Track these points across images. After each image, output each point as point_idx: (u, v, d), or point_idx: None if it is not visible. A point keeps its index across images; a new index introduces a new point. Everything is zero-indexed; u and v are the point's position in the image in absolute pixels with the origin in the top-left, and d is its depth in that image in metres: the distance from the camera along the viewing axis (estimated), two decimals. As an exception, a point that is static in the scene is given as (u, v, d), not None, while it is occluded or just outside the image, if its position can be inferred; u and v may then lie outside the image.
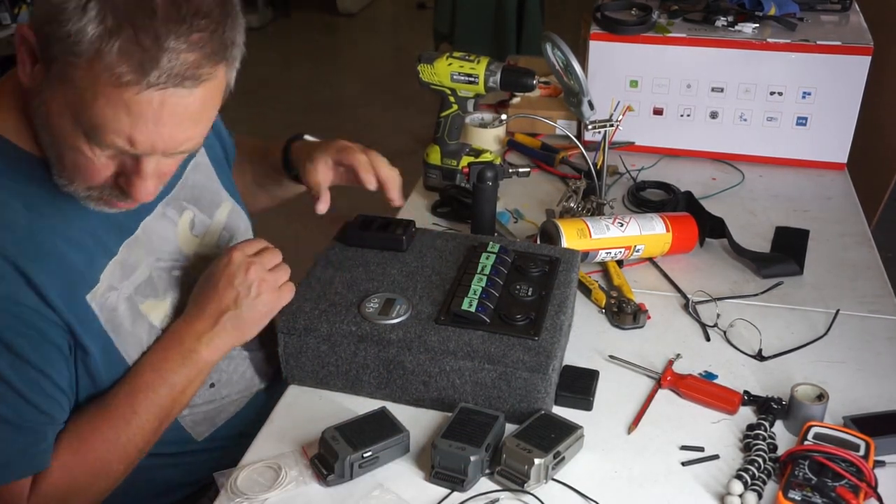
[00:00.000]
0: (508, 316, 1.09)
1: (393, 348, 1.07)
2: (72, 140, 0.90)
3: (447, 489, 0.97)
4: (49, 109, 0.90)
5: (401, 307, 1.11)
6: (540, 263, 1.19)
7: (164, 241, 1.12)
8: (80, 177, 0.94)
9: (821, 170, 1.71)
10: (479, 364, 1.05)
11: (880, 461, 1.00)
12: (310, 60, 5.23)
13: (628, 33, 1.66)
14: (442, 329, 1.07)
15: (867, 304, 1.31)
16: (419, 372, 1.07)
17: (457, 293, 1.12)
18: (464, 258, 1.21)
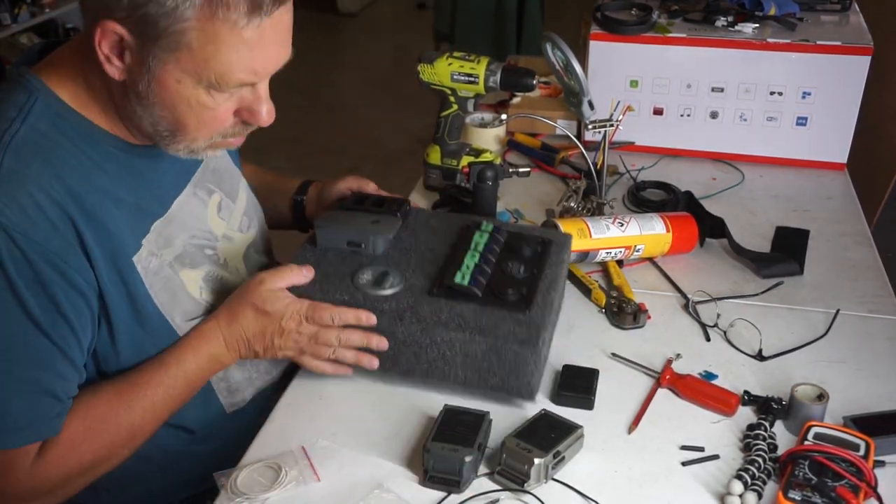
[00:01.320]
0: (500, 291, 1.09)
1: (385, 319, 1.07)
2: (194, 99, 0.95)
3: (443, 492, 0.97)
4: (164, 83, 0.94)
5: (394, 279, 1.11)
6: (532, 244, 1.20)
7: (196, 220, 1.14)
8: (205, 130, 0.99)
9: (821, 170, 1.71)
10: (469, 335, 1.05)
11: (880, 461, 1.00)
12: (310, 60, 5.23)
13: (628, 33, 1.66)
14: (434, 301, 1.08)
15: (867, 304, 1.31)
16: (410, 342, 1.07)
17: (450, 267, 1.13)
18: (457, 236, 1.22)
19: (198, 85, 0.94)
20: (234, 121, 1.01)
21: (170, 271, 1.08)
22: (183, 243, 1.11)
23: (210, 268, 1.15)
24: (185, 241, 1.11)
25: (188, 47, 0.91)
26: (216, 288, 1.15)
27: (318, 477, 1.00)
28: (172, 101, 0.96)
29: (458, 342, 1.06)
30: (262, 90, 1.00)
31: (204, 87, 0.94)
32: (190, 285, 1.11)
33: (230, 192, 1.23)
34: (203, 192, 1.17)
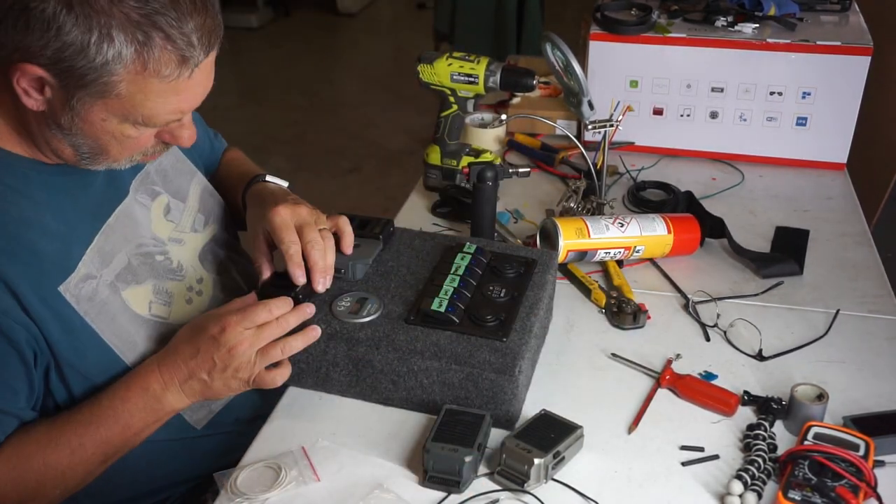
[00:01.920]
0: (479, 317, 1.08)
1: (362, 347, 1.07)
2: (118, 132, 0.96)
3: (443, 493, 0.97)
4: (86, 122, 0.94)
5: (372, 306, 1.11)
6: (515, 265, 1.19)
7: (139, 227, 1.12)
8: (126, 153, 1.00)
9: (821, 170, 1.71)
10: (445, 364, 1.04)
11: (880, 461, 1.00)
12: (310, 60, 5.23)
13: (628, 33, 1.66)
14: (411, 329, 1.07)
15: (867, 304, 1.31)
16: (388, 371, 1.07)
17: (428, 293, 1.12)
18: (439, 258, 1.21)
19: (123, 122, 0.95)
20: (155, 142, 1.02)
21: (108, 293, 1.04)
22: (127, 256, 1.08)
23: (160, 279, 1.12)
24: (128, 253, 1.09)
25: (117, 96, 0.91)
26: (170, 300, 1.13)
27: (318, 477, 1.00)
28: (96, 134, 0.96)
29: (435, 370, 1.05)
30: (187, 120, 1.01)
31: (130, 123, 0.95)
32: (136, 303, 1.08)
33: (178, 192, 1.20)
34: (145, 197, 1.15)
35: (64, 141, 0.97)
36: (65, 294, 1.00)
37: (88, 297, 1.02)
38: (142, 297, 1.09)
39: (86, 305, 1.02)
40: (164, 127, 0.99)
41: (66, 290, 1.00)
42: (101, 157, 1.00)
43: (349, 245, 1.17)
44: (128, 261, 1.08)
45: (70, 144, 0.97)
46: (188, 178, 1.24)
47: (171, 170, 1.21)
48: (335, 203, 1.26)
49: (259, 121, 4.34)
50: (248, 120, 4.35)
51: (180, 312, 1.14)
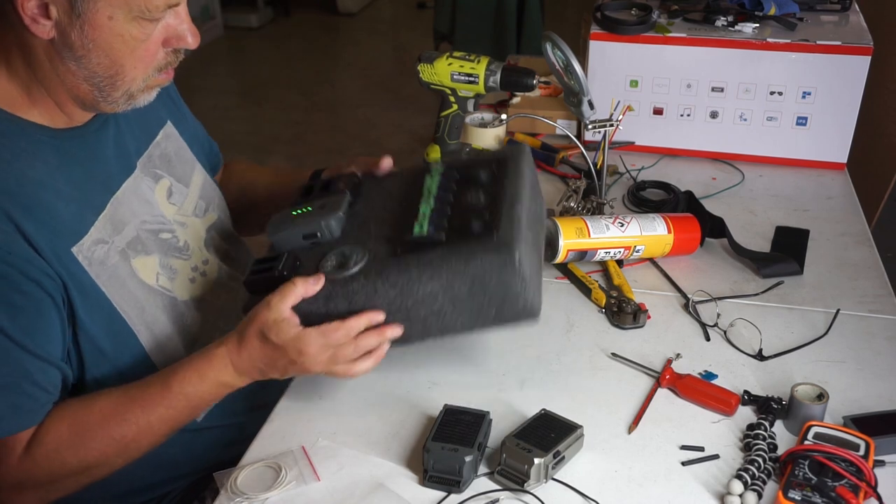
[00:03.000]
0: (464, 227, 1.04)
1: (360, 297, 1.03)
2: (128, 35, 0.97)
3: (443, 492, 0.97)
4: (95, 27, 0.95)
5: (356, 255, 1.06)
6: (486, 167, 1.14)
7: (146, 204, 1.14)
8: (141, 66, 1.01)
9: (821, 170, 1.71)
10: (447, 280, 1.01)
11: (880, 461, 1.00)
12: (310, 60, 5.23)
13: (628, 33, 1.66)
14: (401, 261, 1.03)
15: (867, 303, 1.31)
16: (394, 310, 1.04)
17: (407, 221, 1.08)
18: (412, 187, 1.16)
19: (129, 18, 0.96)
20: (164, 52, 1.03)
21: (118, 259, 1.07)
22: (135, 228, 1.10)
23: (167, 255, 1.14)
24: (136, 226, 1.11)
25: None
26: (176, 276, 1.15)
27: (318, 477, 1.00)
28: (108, 41, 0.97)
29: (440, 291, 1.02)
30: (183, 12, 1.03)
31: (134, 17, 0.96)
32: (144, 272, 1.10)
33: (182, 178, 1.22)
34: (149, 179, 1.16)
35: (79, 73, 0.98)
36: (77, 256, 1.01)
37: (100, 261, 1.04)
38: (150, 267, 1.11)
39: (97, 269, 1.04)
40: (166, 26, 1.00)
41: (79, 252, 1.02)
42: (118, 79, 1.00)
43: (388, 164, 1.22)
44: (136, 233, 1.10)
45: (85, 77, 0.99)
46: (190, 167, 1.26)
47: (174, 156, 1.23)
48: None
49: (259, 121, 4.34)
50: (248, 120, 4.35)
51: (183, 289, 1.16)
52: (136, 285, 1.09)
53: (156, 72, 1.03)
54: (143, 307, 1.10)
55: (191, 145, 1.28)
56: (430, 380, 1.16)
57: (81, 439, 1.02)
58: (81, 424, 1.02)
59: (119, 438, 1.03)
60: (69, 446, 1.01)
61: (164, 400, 1.04)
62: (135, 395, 1.04)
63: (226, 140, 1.48)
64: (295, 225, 1.12)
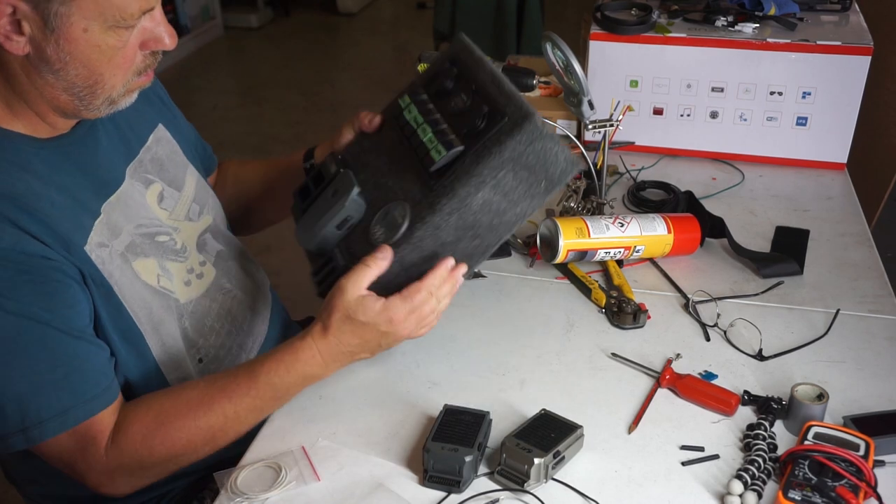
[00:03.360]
0: (470, 128, 1.06)
1: (427, 241, 1.04)
2: (104, 45, 0.96)
3: (443, 492, 0.97)
4: (70, 40, 0.94)
5: (397, 210, 1.07)
6: (445, 73, 1.15)
7: (140, 207, 1.14)
8: (119, 73, 1.00)
9: (821, 170, 1.71)
10: (493, 180, 1.02)
11: (880, 461, 1.00)
12: (310, 60, 5.23)
13: (628, 33, 1.66)
14: (441, 188, 1.03)
15: (867, 304, 1.31)
16: (462, 232, 1.05)
17: (421, 157, 1.08)
18: (395, 132, 1.16)
19: (104, 28, 0.95)
20: (142, 55, 1.02)
21: (121, 262, 1.07)
22: (130, 234, 1.10)
23: (164, 257, 1.14)
24: (132, 230, 1.11)
25: None
26: (172, 278, 1.15)
27: (318, 477, 1.00)
28: (84, 53, 0.96)
29: (490, 192, 1.02)
30: (159, 14, 1.01)
31: (110, 27, 0.95)
32: (146, 274, 1.11)
33: (173, 181, 1.22)
34: (140, 183, 1.16)
35: (57, 84, 0.97)
36: (90, 254, 1.02)
37: (108, 261, 1.05)
38: (150, 269, 1.12)
39: (108, 267, 1.05)
40: (142, 29, 0.99)
41: (91, 251, 1.03)
42: (98, 88, 0.99)
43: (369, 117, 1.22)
44: (132, 238, 1.10)
45: (64, 88, 0.98)
46: (183, 169, 1.25)
47: (166, 160, 1.22)
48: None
49: (259, 121, 4.34)
50: (248, 120, 4.35)
51: (179, 291, 1.16)
52: (142, 286, 1.10)
53: (135, 76, 1.03)
54: (151, 308, 1.10)
55: (183, 147, 1.28)
56: (430, 380, 1.16)
57: (168, 429, 1.03)
58: (167, 414, 1.03)
59: (206, 428, 1.04)
60: (156, 435, 1.02)
61: (251, 390, 1.04)
62: (222, 385, 1.05)
63: (226, 140, 1.49)
64: (324, 222, 1.12)
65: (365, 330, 1.04)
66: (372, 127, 1.21)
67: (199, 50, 5.25)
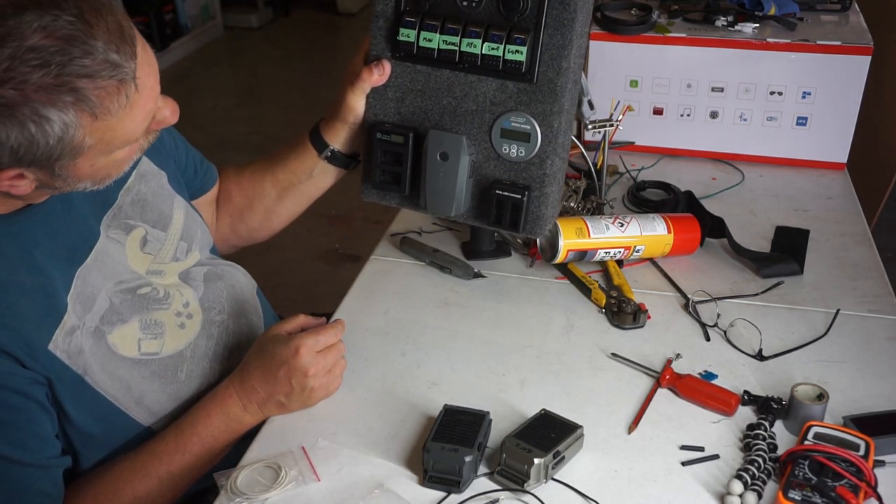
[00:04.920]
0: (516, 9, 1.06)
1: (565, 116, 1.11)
2: (111, 162, 0.95)
3: (443, 492, 0.97)
4: (77, 174, 0.93)
5: (517, 118, 1.10)
6: None
7: (118, 263, 1.10)
8: (126, 165, 0.99)
9: (821, 170, 1.71)
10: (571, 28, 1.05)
11: (880, 461, 1.00)
12: (310, 60, 5.23)
13: (628, 33, 1.66)
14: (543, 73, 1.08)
15: (867, 304, 1.31)
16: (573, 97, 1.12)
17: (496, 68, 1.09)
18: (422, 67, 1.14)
19: (110, 154, 0.94)
20: (144, 138, 0.99)
21: (93, 342, 1.03)
22: (108, 296, 1.06)
23: (146, 312, 1.10)
24: (109, 292, 1.07)
25: (90, 148, 0.90)
26: (162, 331, 1.11)
27: (318, 477, 1.00)
28: (95, 174, 0.95)
29: (577, 42, 1.07)
30: (160, 102, 0.98)
31: (116, 150, 0.94)
32: (123, 346, 1.07)
33: (158, 221, 1.17)
34: (118, 232, 1.12)
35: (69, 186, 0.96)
36: (55, 352, 0.99)
37: (77, 351, 1.01)
38: (129, 337, 1.08)
39: (76, 359, 1.01)
40: None
41: (56, 348, 0.99)
42: (108, 181, 0.99)
43: None
44: (109, 301, 1.07)
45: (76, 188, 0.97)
46: (169, 203, 1.20)
47: (150, 197, 1.17)
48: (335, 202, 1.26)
49: (259, 121, 4.34)
50: (248, 120, 4.35)
51: (175, 340, 1.12)
52: (118, 364, 1.06)
53: (139, 152, 1.02)
54: (129, 385, 1.07)
55: (170, 175, 1.22)
56: (430, 380, 1.16)
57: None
58: (103, 494, 1.02)
59: (144, 495, 1.03)
60: None
61: (180, 446, 1.05)
62: (152, 448, 1.05)
63: (226, 140, 1.48)
64: (458, 184, 1.14)
65: (271, 360, 1.06)
66: (386, 77, 1.17)
67: (199, 50, 5.24)
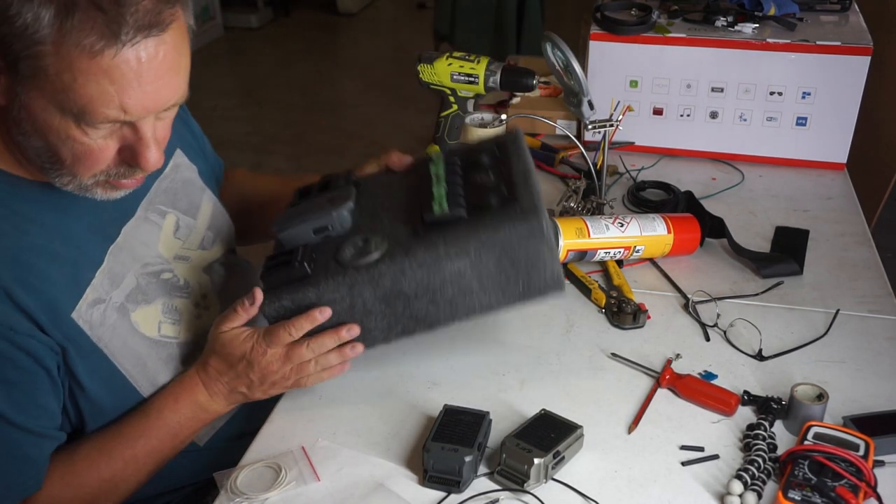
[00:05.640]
0: (482, 203, 1.04)
1: (387, 280, 1.02)
2: (63, 132, 0.88)
3: (443, 492, 0.97)
4: (31, 111, 0.88)
5: (376, 241, 1.05)
6: (488, 151, 1.15)
7: (146, 247, 1.11)
8: (82, 166, 0.92)
9: (821, 170, 1.71)
10: (475, 255, 1.00)
11: (880, 461, 1.00)
12: (310, 60, 5.23)
13: (628, 33, 1.66)
14: (425, 240, 1.03)
15: (867, 304, 1.31)
16: (422, 293, 1.03)
17: (424, 204, 1.06)
18: (414, 178, 1.16)
19: (65, 116, 0.87)
20: (117, 160, 0.93)
21: (117, 317, 1.04)
22: (135, 275, 1.08)
23: (169, 297, 1.11)
24: (137, 272, 1.08)
25: (45, 73, 0.84)
26: (180, 318, 1.13)
27: (318, 477, 1.00)
28: (42, 131, 0.89)
29: (468, 267, 1.01)
30: (145, 131, 0.91)
31: (72, 119, 0.87)
32: (145, 325, 1.07)
33: (189, 209, 1.19)
34: (155, 215, 1.13)
35: (26, 146, 0.92)
36: (78, 320, 0.99)
37: (99, 323, 1.02)
38: (151, 317, 1.09)
39: (98, 331, 1.02)
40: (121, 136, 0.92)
41: (79, 317, 1.00)
42: (62, 172, 0.93)
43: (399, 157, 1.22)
44: (136, 282, 1.08)
45: (31, 152, 0.93)
46: (199, 196, 1.23)
47: (181, 188, 1.19)
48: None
49: (259, 121, 4.34)
50: (248, 120, 4.35)
51: (191, 328, 1.14)
52: (138, 341, 1.07)
53: (106, 177, 0.95)
54: (145, 363, 1.08)
55: (201, 169, 1.25)
56: (430, 380, 1.16)
57: (72, 487, 1.01)
58: (70, 473, 1.01)
59: (109, 477, 1.02)
60: (63, 496, 1.00)
61: (146, 430, 1.04)
62: (117, 430, 1.04)
63: (226, 140, 1.49)
64: (304, 220, 1.10)
65: (231, 362, 1.05)
66: (400, 165, 1.21)
67: (199, 50, 5.24)
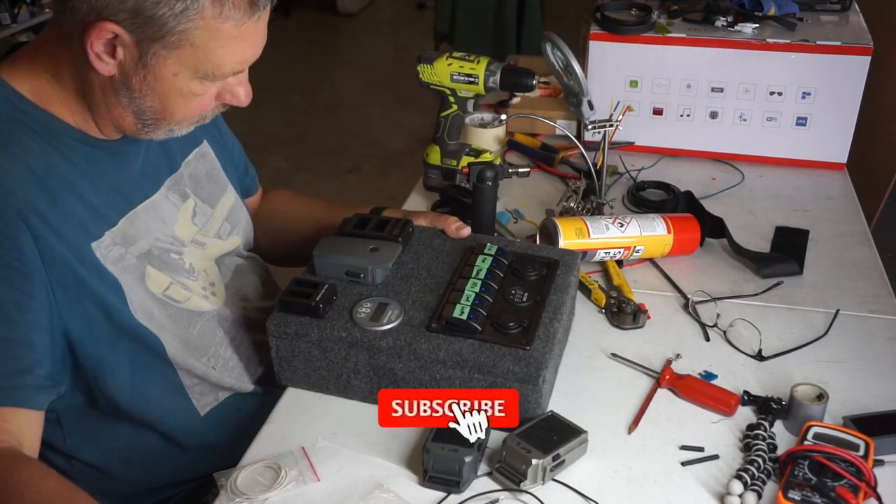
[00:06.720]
0: (501, 323, 1.06)
1: (383, 355, 1.06)
2: (186, 88, 0.99)
3: (443, 492, 0.97)
4: (158, 78, 0.97)
5: (392, 312, 1.09)
6: (537, 266, 1.17)
7: (162, 224, 1.14)
8: (191, 114, 1.03)
9: (821, 170, 1.71)
10: (468, 374, 1.04)
11: (880, 461, 1.00)
12: (310, 60, 5.23)
13: (628, 33, 1.66)
14: (433, 337, 1.06)
15: (867, 304, 1.31)
16: (409, 379, 1.06)
17: (450, 299, 1.10)
18: (460, 260, 1.19)
19: (192, 76, 0.98)
20: (215, 104, 1.05)
21: (135, 262, 1.08)
22: (148, 244, 1.11)
23: (173, 275, 1.13)
24: (150, 242, 1.11)
25: (191, 45, 0.94)
26: (189, 292, 1.15)
27: (318, 477, 1.00)
28: (166, 92, 0.99)
29: (458, 379, 1.04)
30: (244, 74, 1.04)
31: (199, 77, 0.98)
32: (153, 283, 1.10)
33: (208, 199, 1.23)
34: (176, 196, 1.17)
35: (129, 108, 1.00)
36: (96, 251, 1.03)
37: (115, 260, 1.05)
38: (161, 281, 1.11)
39: (114, 265, 1.05)
40: (225, 82, 1.02)
41: (98, 248, 1.03)
42: (164, 122, 1.02)
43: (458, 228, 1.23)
44: (149, 248, 1.11)
45: (134, 111, 1.00)
46: (221, 188, 1.26)
47: (204, 177, 1.23)
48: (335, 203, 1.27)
49: (259, 121, 4.34)
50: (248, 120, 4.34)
51: (197, 303, 1.16)
52: (145, 294, 1.09)
53: (199, 118, 1.06)
54: (153, 314, 1.10)
55: (225, 166, 1.28)
56: (430, 380, 1.16)
57: None
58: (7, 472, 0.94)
59: None
60: None
61: None
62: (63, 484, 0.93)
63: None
64: (344, 256, 1.15)
65: None
66: (455, 235, 1.24)
67: (199, 50, 5.24)
